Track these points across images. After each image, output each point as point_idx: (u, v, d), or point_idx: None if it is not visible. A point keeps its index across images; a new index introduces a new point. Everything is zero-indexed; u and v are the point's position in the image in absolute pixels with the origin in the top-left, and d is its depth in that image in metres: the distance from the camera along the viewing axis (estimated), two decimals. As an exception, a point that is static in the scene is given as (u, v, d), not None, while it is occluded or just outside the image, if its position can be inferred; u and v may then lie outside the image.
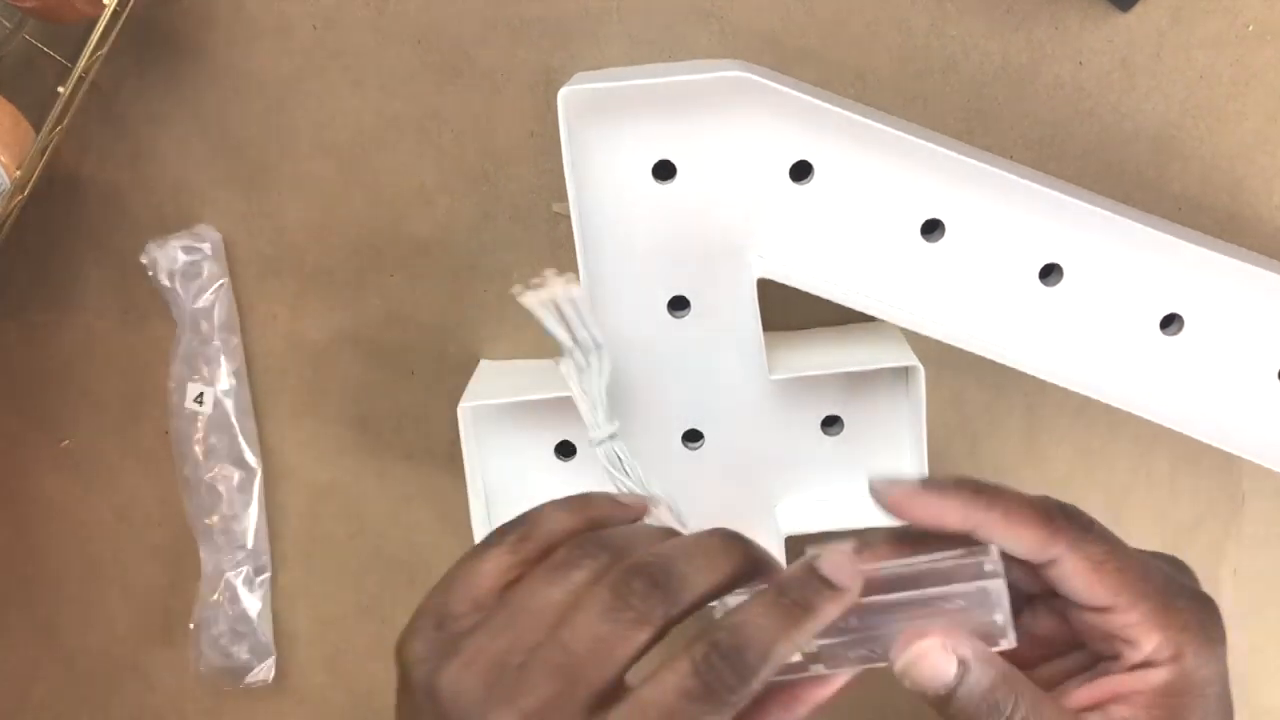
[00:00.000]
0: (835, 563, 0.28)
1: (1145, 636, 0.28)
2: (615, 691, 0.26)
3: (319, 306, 0.48)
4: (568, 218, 0.39)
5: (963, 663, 0.28)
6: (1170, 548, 0.32)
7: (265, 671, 0.51)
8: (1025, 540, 0.29)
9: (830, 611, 0.27)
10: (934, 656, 0.28)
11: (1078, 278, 0.40)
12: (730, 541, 0.29)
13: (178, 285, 0.46)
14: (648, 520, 0.32)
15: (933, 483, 0.30)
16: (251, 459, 0.49)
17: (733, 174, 0.39)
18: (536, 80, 0.44)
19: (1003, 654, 0.29)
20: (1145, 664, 0.28)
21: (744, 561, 0.28)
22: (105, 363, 0.49)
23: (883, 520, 0.30)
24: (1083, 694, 0.30)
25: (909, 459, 0.43)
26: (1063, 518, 0.29)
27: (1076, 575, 0.29)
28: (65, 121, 0.43)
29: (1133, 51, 0.43)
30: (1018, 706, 0.28)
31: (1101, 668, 0.30)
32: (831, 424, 0.44)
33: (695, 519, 0.35)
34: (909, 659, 0.28)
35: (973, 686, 0.28)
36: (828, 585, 0.27)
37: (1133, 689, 0.28)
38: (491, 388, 0.44)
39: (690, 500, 0.37)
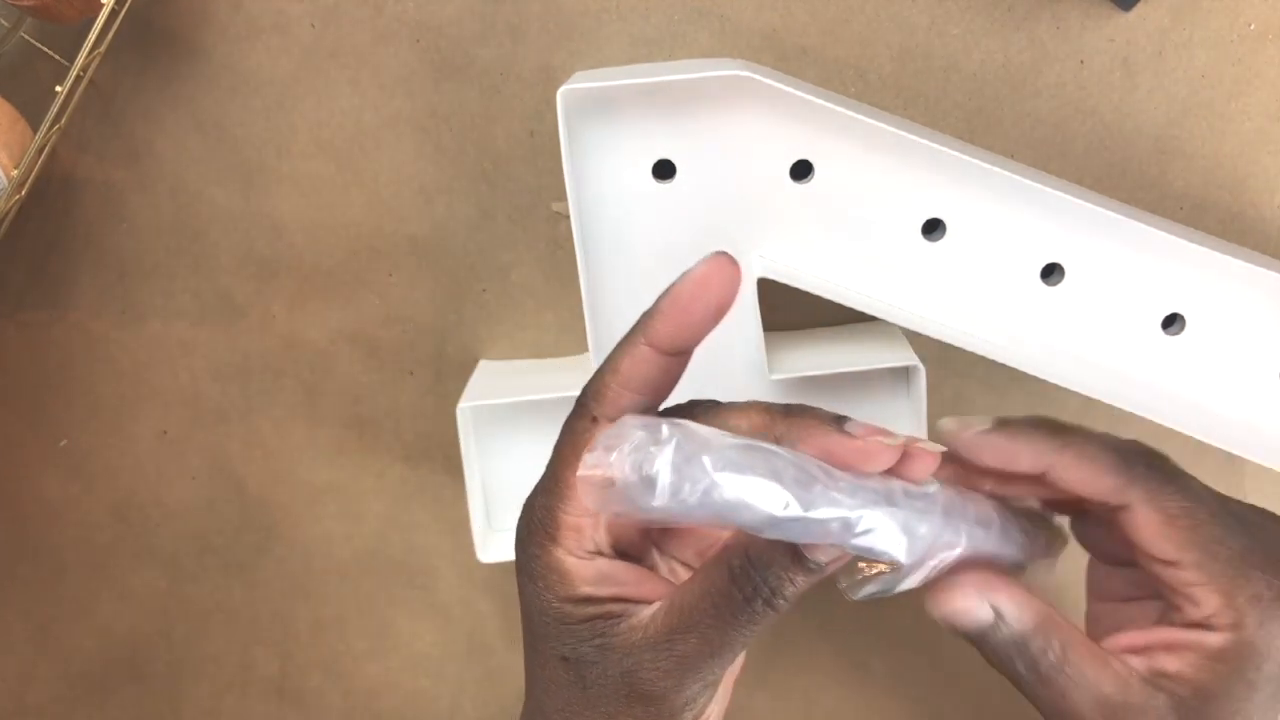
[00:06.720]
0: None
1: (1205, 598, 0.28)
2: None
3: (317, 306, 0.48)
4: (567, 218, 0.39)
5: (996, 609, 0.28)
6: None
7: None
8: (1096, 486, 0.29)
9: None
10: (968, 602, 0.28)
11: (1079, 277, 0.40)
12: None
13: None
14: None
15: (1006, 424, 0.29)
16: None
17: (733, 173, 0.39)
18: (536, 79, 0.44)
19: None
20: (1202, 624, 0.28)
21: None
22: (103, 362, 0.49)
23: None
24: (1136, 637, 0.29)
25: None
26: (1143, 465, 0.29)
27: (1146, 525, 0.28)
28: (63, 120, 0.43)
29: (1134, 51, 0.42)
30: (1047, 650, 0.28)
31: (1165, 616, 0.30)
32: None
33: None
34: (943, 605, 0.28)
35: (1005, 632, 0.28)
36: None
37: (1185, 644, 0.28)
38: (491, 388, 0.44)
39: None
